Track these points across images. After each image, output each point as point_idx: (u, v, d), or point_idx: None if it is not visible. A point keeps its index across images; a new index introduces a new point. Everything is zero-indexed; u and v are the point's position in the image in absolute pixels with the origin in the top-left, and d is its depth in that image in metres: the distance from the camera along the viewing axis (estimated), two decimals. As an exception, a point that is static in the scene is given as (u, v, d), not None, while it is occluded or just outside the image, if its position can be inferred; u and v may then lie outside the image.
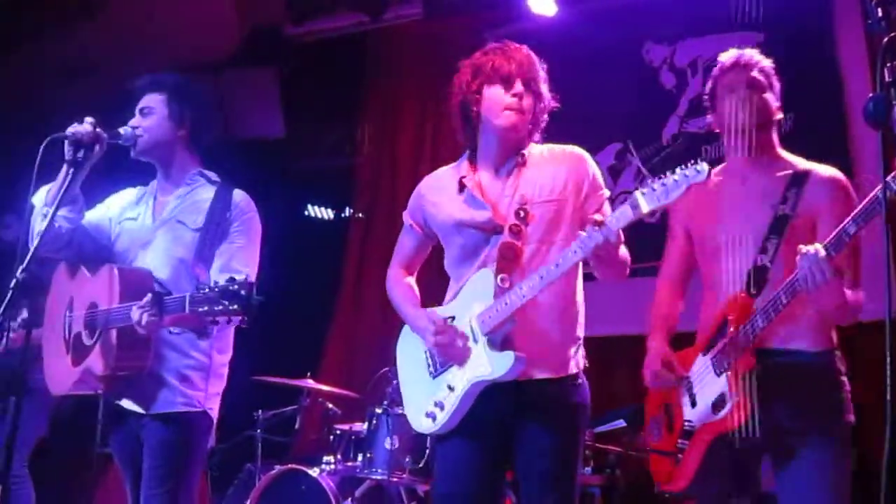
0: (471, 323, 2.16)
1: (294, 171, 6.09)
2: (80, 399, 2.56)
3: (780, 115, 2.42)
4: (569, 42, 4.77)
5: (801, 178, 2.31)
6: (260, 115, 5.61)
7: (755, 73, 2.38)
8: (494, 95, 2.22)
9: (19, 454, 3.84)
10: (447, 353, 2.19)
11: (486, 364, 2.11)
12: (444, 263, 2.38)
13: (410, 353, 2.33)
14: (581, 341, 2.28)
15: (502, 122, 2.22)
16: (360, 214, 5.75)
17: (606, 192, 2.28)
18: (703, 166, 1.87)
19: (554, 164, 2.26)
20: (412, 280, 2.46)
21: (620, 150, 4.66)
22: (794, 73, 4.00)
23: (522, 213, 2.18)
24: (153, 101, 2.57)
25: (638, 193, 1.91)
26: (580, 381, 2.25)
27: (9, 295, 2.23)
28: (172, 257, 2.47)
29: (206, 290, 2.13)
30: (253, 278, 2.45)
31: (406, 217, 2.42)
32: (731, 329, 2.23)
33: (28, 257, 2.24)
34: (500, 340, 2.12)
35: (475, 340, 2.15)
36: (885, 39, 1.61)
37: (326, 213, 6.47)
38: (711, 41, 4.42)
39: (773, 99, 2.40)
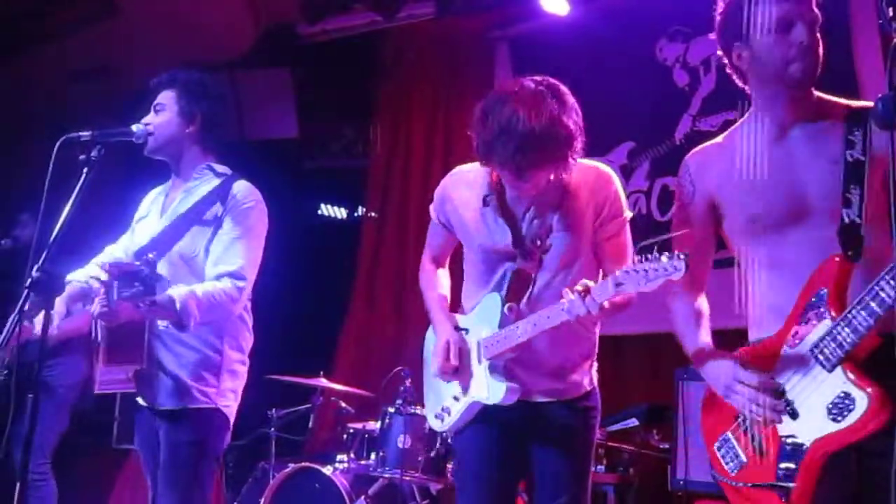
0: (478, 345, 2.20)
1: (307, 171, 6.12)
2: (100, 396, 2.59)
3: None
4: (581, 41, 4.77)
5: (858, 115, 1.84)
6: (274, 116, 5.64)
7: (816, 9, 1.88)
8: (501, 172, 2.09)
9: (41, 452, 3.87)
10: (447, 377, 2.24)
11: (485, 389, 2.16)
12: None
13: (432, 354, 2.37)
14: (594, 357, 2.30)
15: (511, 187, 2.15)
16: (373, 213, 5.77)
17: (628, 214, 2.22)
18: (681, 265, 1.79)
19: (578, 189, 2.17)
20: (444, 272, 2.47)
21: (633, 148, 4.64)
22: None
23: (539, 242, 2.17)
24: (165, 98, 2.58)
25: (622, 272, 1.88)
26: (592, 386, 2.28)
27: (24, 294, 2.26)
28: (172, 252, 2.47)
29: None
30: (247, 271, 2.45)
31: (432, 212, 2.41)
32: (831, 305, 1.73)
33: (43, 256, 2.26)
34: (500, 367, 2.17)
35: (479, 362, 2.19)
36: (895, 41, 1.58)
37: (339, 213, 6.49)
38: (725, 38, 4.39)
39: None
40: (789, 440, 1.76)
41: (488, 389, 2.15)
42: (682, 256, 1.80)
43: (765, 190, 1.89)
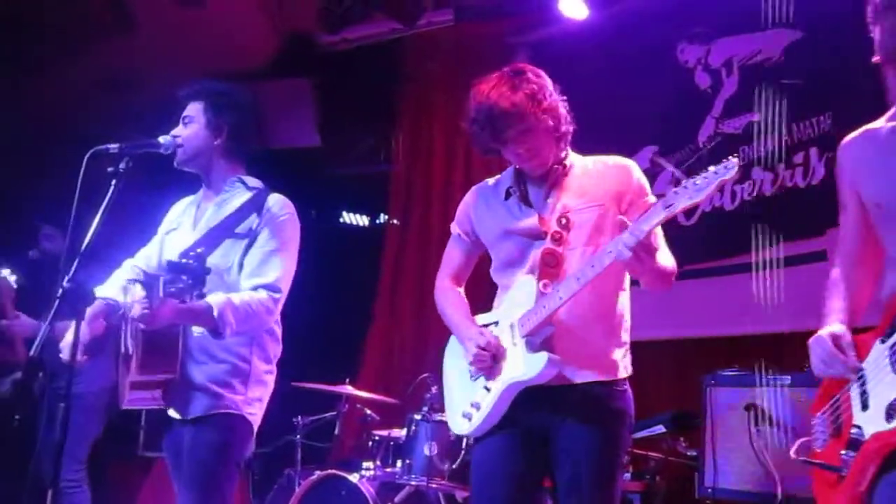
0: (511, 326, 2.18)
1: (330, 179, 6.14)
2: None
3: None
4: (600, 45, 4.75)
5: None
6: (295, 125, 5.67)
7: None
8: (506, 151, 2.26)
9: (74, 459, 3.92)
10: (482, 369, 2.22)
11: (522, 365, 2.13)
12: (490, 272, 2.40)
13: (455, 359, 2.36)
14: (628, 346, 2.28)
15: (523, 167, 2.29)
16: (395, 221, 5.78)
17: (653, 199, 2.25)
18: (733, 163, 1.86)
19: (597, 173, 2.29)
20: (461, 291, 2.47)
21: (656, 153, 4.61)
22: (833, 71, 3.95)
23: (564, 221, 2.20)
24: (193, 111, 2.60)
25: (670, 192, 1.93)
26: (624, 387, 2.23)
27: (55, 304, 2.28)
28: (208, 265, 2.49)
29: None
30: (283, 283, 2.47)
31: (454, 227, 2.45)
32: None
33: (73, 267, 2.29)
34: (537, 343, 2.14)
35: (514, 343, 2.17)
36: None
37: (361, 220, 6.51)
38: (747, 40, 4.35)
39: None
40: (854, 430, 1.78)
41: (526, 364, 2.12)
42: (731, 158, 1.84)
43: (886, 176, 1.85)
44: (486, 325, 2.29)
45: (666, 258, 2.20)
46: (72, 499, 3.93)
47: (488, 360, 2.19)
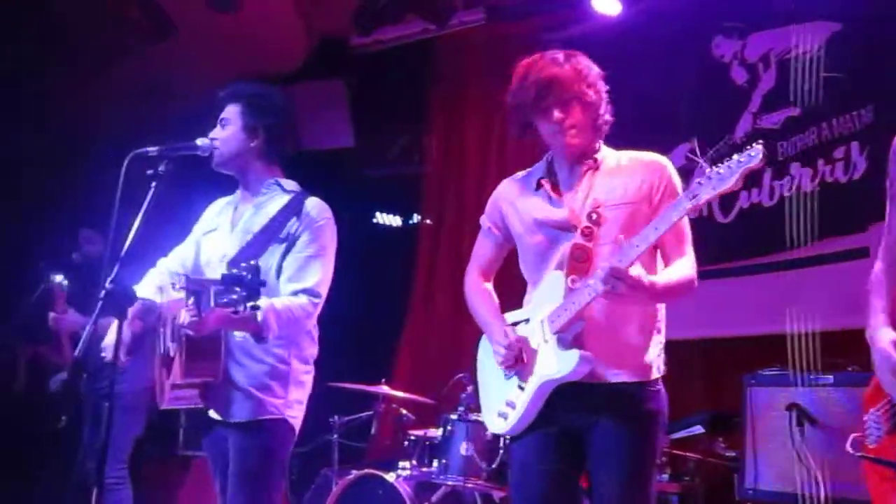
0: (542, 323, 2.17)
1: (362, 180, 6.17)
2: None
3: None
4: (634, 41, 4.70)
5: None
6: (329, 127, 5.71)
7: None
8: (542, 127, 2.25)
9: (117, 457, 3.99)
10: (512, 368, 2.22)
11: (554, 363, 2.11)
12: (519, 268, 2.38)
13: (488, 357, 2.35)
14: (662, 344, 2.25)
15: (558, 145, 2.26)
16: (428, 220, 5.79)
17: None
18: (758, 149, 1.83)
19: (630, 169, 2.25)
20: (490, 286, 2.46)
21: (692, 149, 4.56)
22: (874, 63, 3.87)
23: (595, 216, 2.17)
24: (230, 113, 2.62)
25: (694, 183, 1.90)
26: (657, 387, 2.20)
27: (98, 305, 2.32)
28: None
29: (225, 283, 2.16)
30: (322, 287, 2.49)
31: (484, 220, 2.43)
32: None
33: (115, 269, 2.33)
34: (569, 339, 2.12)
35: (545, 340, 2.16)
36: None
37: (394, 221, 6.54)
38: (784, 33, 4.27)
39: None
40: None
41: (559, 362, 2.11)
42: (755, 144, 1.81)
43: None
44: (516, 323, 2.29)
45: (682, 267, 2.15)
46: (114, 496, 4.00)
47: (511, 361, 2.19)
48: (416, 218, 6.19)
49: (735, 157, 1.86)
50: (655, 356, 2.21)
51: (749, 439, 3.26)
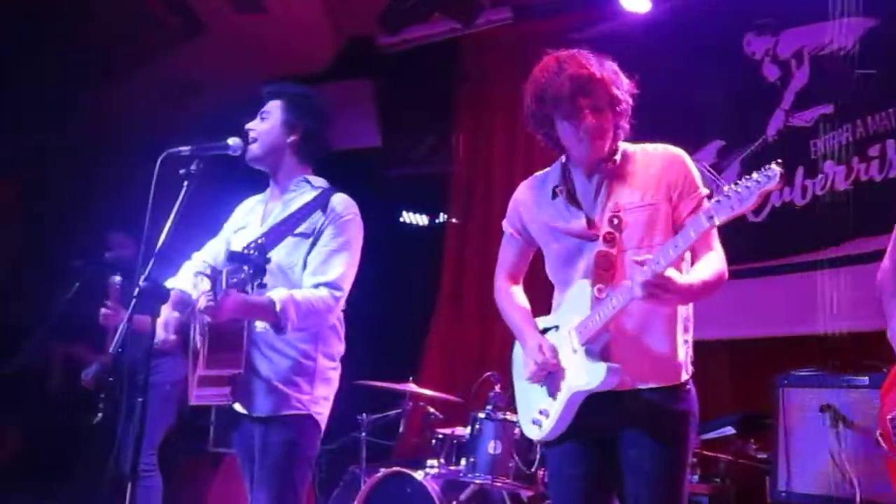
0: (570, 333, 2.17)
1: (390, 179, 6.19)
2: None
3: None
4: (664, 39, 4.66)
5: None
6: (356, 126, 5.73)
7: None
8: (565, 129, 2.16)
9: (148, 446, 4.05)
10: (540, 381, 2.22)
11: (584, 374, 2.12)
12: (545, 270, 2.37)
13: (523, 362, 2.34)
14: (690, 345, 2.22)
15: (581, 150, 2.18)
16: (454, 219, 5.79)
17: (704, 191, 2.18)
18: (775, 170, 1.79)
19: (647, 167, 2.20)
20: (519, 289, 2.45)
21: (722, 147, 4.51)
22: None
23: (616, 221, 2.14)
24: (271, 107, 2.65)
25: (713, 203, 1.87)
26: (688, 388, 2.18)
27: (133, 302, 2.35)
28: (273, 263, 2.50)
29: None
30: (344, 282, 2.49)
31: (505, 225, 2.43)
32: None
33: (149, 266, 2.36)
34: (597, 350, 2.11)
35: (574, 350, 2.15)
36: None
37: (421, 220, 6.54)
38: (818, 29, 4.21)
39: None
40: None
41: (587, 374, 2.10)
42: (773, 165, 1.78)
43: None
44: (546, 330, 2.28)
45: (711, 263, 2.12)
46: (144, 483, 4.06)
47: (540, 378, 2.20)
48: (442, 217, 6.19)
49: (754, 175, 1.81)
50: (684, 358, 2.19)
51: (781, 441, 3.21)
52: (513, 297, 2.41)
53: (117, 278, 3.94)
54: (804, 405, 3.18)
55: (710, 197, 2.18)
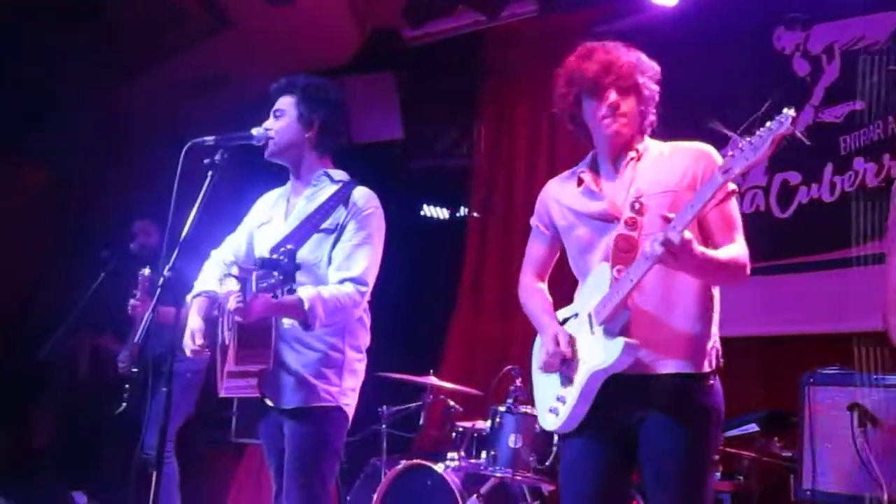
0: (589, 316, 2.16)
1: (412, 172, 6.19)
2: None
3: None
4: (691, 33, 4.61)
5: None
6: (379, 119, 5.73)
7: None
8: (590, 108, 2.23)
9: (169, 435, 4.09)
10: (554, 370, 2.23)
11: (601, 353, 2.09)
12: (569, 267, 2.38)
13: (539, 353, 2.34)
14: (716, 337, 2.19)
15: (605, 132, 2.23)
16: (476, 213, 5.78)
17: (732, 186, 2.14)
18: (787, 114, 1.80)
19: (672, 158, 2.24)
20: (543, 286, 2.46)
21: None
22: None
23: (637, 206, 2.15)
24: (285, 104, 2.65)
25: (728, 157, 1.88)
26: (712, 381, 2.15)
27: (157, 292, 2.38)
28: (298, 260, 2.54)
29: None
30: (369, 276, 2.52)
31: (533, 221, 2.45)
32: None
33: (173, 257, 2.38)
34: (616, 330, 2.09)
35: (592, 333, 2.14)
36: None
37: (443, 213, 6.54)
38: (850, 24, 4.14)
39: None
40: None
41: (605, 351, 2.09)
42: (786, 109, 1.79)
43: None
44: (566, 320, 2.28)
45: (730, 249, 2.12)
46: (162, 469, 4.10)
47: (554, 368, 2.21)
48: (464, 211, 6.18)
49: (767, 124, 1.82)
50: (708, 347, 2.16)
51: (807, 439, 3.17)
52: (536, 293, 2.42)
53: (146, 271, 3.99)
54: (831, 403, 3.13)
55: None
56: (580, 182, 2.29)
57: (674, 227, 1.94)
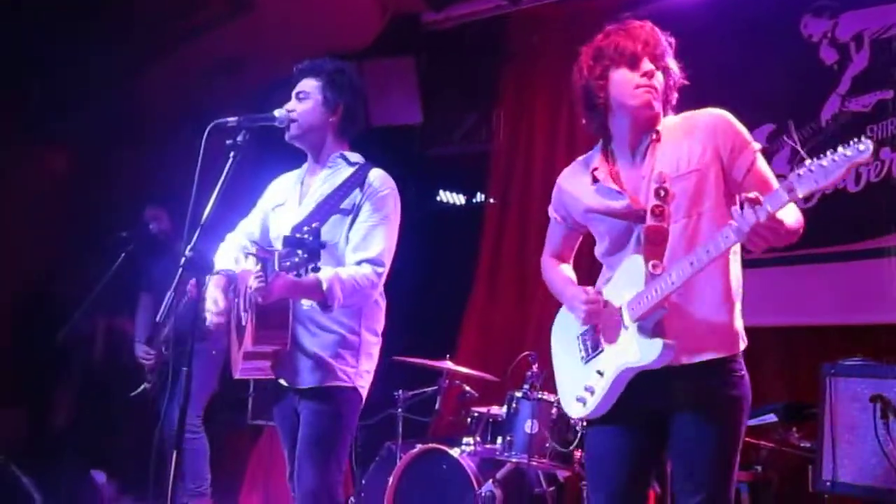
0: (621, 310, 2.12)
1: (430, 157, 6.17)
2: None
3: None
4: (717, 18, 4.55)
5: None
6: (398, 103, 5.71)
7: None
8: (622, 77, 2.15)
9: (193, 408, 4.15)
10: (598, 321, 2.17)
11: (636, 351, 2.06)
12: (594, 251, 2.35)
13: (564, 338, 2.32)
14: (741, 319, 2.16)
15: (636, 101, 2.14)
16: (492, 199, 5.76)
17: (756, 146, 2.14)
18: (867, 144, 1.70)
19: (689, 132, 2.15)
20: (567, 268, 2.44)
21: (773, 131, 4.39)
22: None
23: (663, 193, 2.09)
24: (309, 87, 2.64)
25: (793, 176, 1.79)
26: (742, 372, 2.14)
27: (179, 272, 2.38)
28: None
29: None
30: (385, 257, 2.52)
31: (550, 211, 2.41)
32: None
33: (195, 236, 2.38)
34: (650, 327, 2.06)
35: (625, 327, 2.11)
36: None
37: (458, 199, 6.53)
38: (880, 12, 4.07)
39: None
40: None
41: (641, 350, 2.05)
42: (864, 138, 1.70)
43: None
44: None
45: (792, 215, 2.04)
46: (191, 444, 4.16)
47: (597, 315, 2.16)
48: (481, 197, 6.16)
49: (840, 149, 1.72)
50: (736, 328, 2.14)
51: (827, 430, 3.14)
52: (557, 268, 2.41)
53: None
54: (852, 395, 3.10)
55: (763, 152, 2.15)
56: (594, 179, 2.21)
57: (763, 209, 1.84)
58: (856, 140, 1.72)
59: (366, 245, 2.50)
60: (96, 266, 4.49)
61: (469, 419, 4.05)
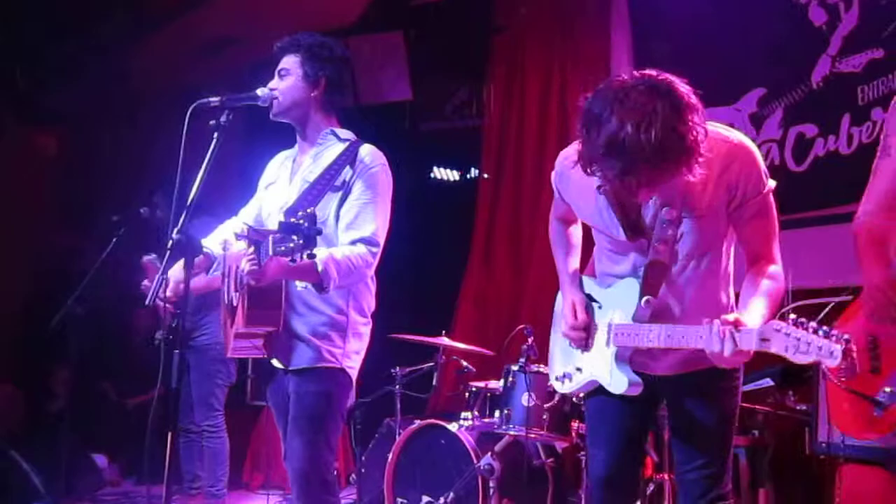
0: (608, 327, 2.15)
1: (422, 133, 6.14)
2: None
3: None
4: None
5: None
6: (388, 79, 5.67)
7: None
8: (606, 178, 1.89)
9: (211, 407, 4.16)
10: (575, 340, 2.23)
11: (607, 374, 2.14)
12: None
13: (561, 317, 2.34)
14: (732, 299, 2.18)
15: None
16: (486, 175, 5.74)
17: (770, 184, 2.03)
18: (838, 352, 1.66)
19: (708, 166, 1.90)
20: (574, 229, 2.42)
21: (764, 95, 4.35)
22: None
23: (671, 231, 2.02)
24: (289, 63, 2.60)
25: (769, 331, 1.76)
26: (736, 383, 2.20)
27: (166, 255, 2.36)
28: None
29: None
30: (379, 235, 2.49)
31: (554, 184, 2.33)
32: None
33: (182, 219, 2.35)
34: (627, 357, 2.12)
35: (607, 345, 2.14)
36: None
37: (451, 175, 6.50)
38: (870, -31, 4.02)
39: None
40: None
41: (611, 377, 2.13)
42: (841, 342, 1.67)
43: None
44: (590, 297, 2.26)
45: (769, 287, 2.03)
46: (211, 442, 4.17)
47: (581, 344, 2.21)
48: (473, 172, 6.14)
49: (817, 342, 1.68)
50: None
51: (823, 393, 3.15)
52: (563, 238, 2.40)
53: (151, 256, 4.00)
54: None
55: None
56: (600, 189, 2.00)
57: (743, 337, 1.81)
58: (834, 338, 1.68)
59: (359, 224, 2.48)
60: (91, 249, 4.48)
61: (467, 394, 4.07)
